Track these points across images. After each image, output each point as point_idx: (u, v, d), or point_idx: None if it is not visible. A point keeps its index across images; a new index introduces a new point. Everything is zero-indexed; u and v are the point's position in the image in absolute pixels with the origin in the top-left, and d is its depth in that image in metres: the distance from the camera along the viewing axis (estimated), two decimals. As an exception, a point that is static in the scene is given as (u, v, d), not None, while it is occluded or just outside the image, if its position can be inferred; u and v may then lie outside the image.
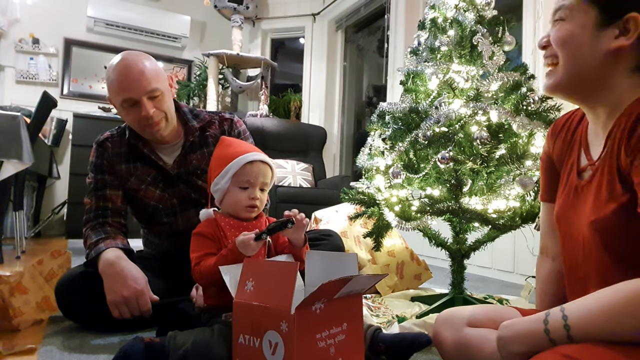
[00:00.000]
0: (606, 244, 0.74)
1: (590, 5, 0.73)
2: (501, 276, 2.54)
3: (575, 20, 0.74)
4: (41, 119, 2.69)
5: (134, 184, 1.40)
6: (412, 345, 0.99)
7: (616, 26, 0.71)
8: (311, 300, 0.79)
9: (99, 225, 1.35)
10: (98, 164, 1.40)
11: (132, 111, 1.28)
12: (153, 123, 1.29)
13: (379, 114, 1.56)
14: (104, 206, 1.37)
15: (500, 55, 1.45)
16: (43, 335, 1.20)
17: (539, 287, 0.97)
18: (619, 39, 0.71)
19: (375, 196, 1.48)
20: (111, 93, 1.31)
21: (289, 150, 3.95)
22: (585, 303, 0.67)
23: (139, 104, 1.26)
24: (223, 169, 1.12)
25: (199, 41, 4.85)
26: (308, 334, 0.80)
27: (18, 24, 4.07)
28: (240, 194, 1.11)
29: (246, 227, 1.12)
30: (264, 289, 0.84)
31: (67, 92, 4.23)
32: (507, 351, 0.72)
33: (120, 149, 1.40)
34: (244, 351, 0.85)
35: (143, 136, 1.36)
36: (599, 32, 0.72)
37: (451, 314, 0.90)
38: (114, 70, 1.28)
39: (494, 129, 1.30)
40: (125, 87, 1.25)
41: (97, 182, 1.38)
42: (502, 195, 1.33)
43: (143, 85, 1.25)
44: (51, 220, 3.99)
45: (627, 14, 0.70)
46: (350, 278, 0.81)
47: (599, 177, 0.76)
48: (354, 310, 0.91)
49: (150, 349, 0.92)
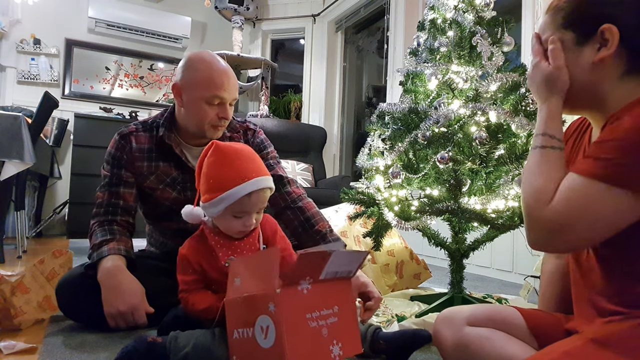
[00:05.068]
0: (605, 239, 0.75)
1: (565, 30, 0.77)
2: (500, 275, 2.55)
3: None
4: (42, 120, 2.69)
5: (152, 182, 1.39)
6: (413, 341, 0.99)
7: (595, 41, 0.75)
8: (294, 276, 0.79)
9: (106, 222, 1.35)
10: (117, 157, 1.38)
11: (211, 109, 1.32)
12: (221, 125, 1.35)
13: (379, 115, 1.57)
14: (115, 203, 1.37)
15: (500, 56, 1.46)
16: (44, 335, 1.20)
17: (543, 284, 0.99)
18: (601, 51, 0.74)
19: (375, 196, 1.49)
20: (198, 86, 1.30)
21: (289, 151, 3.96)
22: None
23: (223, 105, 1.32)
24: (216, 195, 1.01)
25: (199, 42, 4.86)
26: (297, 313, 0.80)
27: (19, 25, 4.08)
28: (234, 222, 1.04)
29: (238, 246, 1.07)
30: (250, 280, 0.85)
31: (68, 93, 4.24)
32: None
33: (144, 145, 1.39)
34: (238, 345, 0.86)
35: (199, 132, 1.36)
36: (581, 50, 0.76)
37: (451, 313, 0.91)
38: (209, 66, 1.31)
39: (493, 129, 1.31)
40: (221, 86, 1.30)
41: (113, 176, 1.38)
42: (501, 195, 1.34)
43: (234, 91, 1.35)
44: (52, 220, 3.99)
45: (600, 27, 0.73)
46: (331, 252, 0.81)
47: None
48: (344, 294, 0.90)
49: (152, 349, 0.93)
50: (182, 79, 1.33)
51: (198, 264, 1.06)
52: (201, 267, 1.06)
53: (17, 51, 4.04)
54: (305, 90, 4.67)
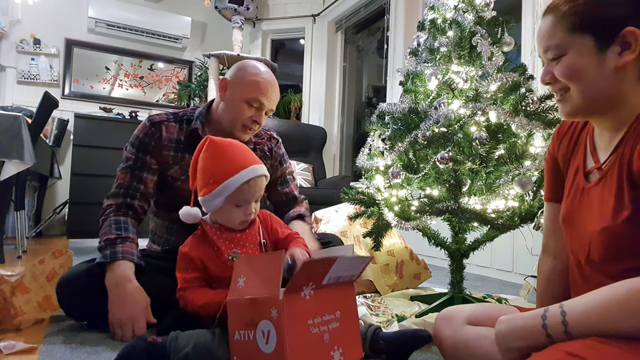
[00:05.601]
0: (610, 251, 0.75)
1: (583, 33, 0.74)
2: (500, 275, 2.55)
3: (574, 51, 0.75)
4: (42, 120, 2.69)
5: (175, 172, 1.43)
6: (413, 341, 0.99)
7: (616, 44, 0.72)
8: (297, 282, 0.79)
9: (124, 206, 1.37)
10: (145, 142, 1.41)
11: (249, 110, 1.39)
12: (252, 129, 1.42)
13: (379, 115, 1.57)
14: (137, 187, 1.39)
15: (500, 56, 1.46)
16: (44, 335, 1.20)
17: (540, 285, 0.98)
18: (623, 55, 0.72)
19: (375, 196, 1.49)
20: (244, 86, 1.38)
21: (289, 150, 3.88)
22: (584, 300, 0.68)
23: (260, 111, 1.40)
24: (215, 187, 1.06)
25: (199, 42, 4.86)
26: (299, 319, 0.80)
27: (19, 25, 4.08)
28: (235, 212, 1.09)
29: (240, 238, 1.10)
30: (254, 282, 0.85)
31: (68, 93, 4.24)
32: (505, 346, 0.72)
33: (173, 135, 1.43)
34: (239, 346, 0.86)
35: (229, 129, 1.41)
36: (602, 55, 0.73)
37: (451, 313, 0.91)
38: (259, 73, 1.40)
39: (493, 129, 1.31)
40: (264, 92, 1.39)
41: (138, 160, 1.40)
42: (501, 195, 1.34)
43: (274, 102, 1.44)
44: (52, 220, 3.99)
45: (622, 29, 0.71)
46: (335, 259, 0.81)
47: (606, 180, 0.77)
48: (346, 299, 0.90)
49: (152, 348, 0.92)
50: (231, 75, 1.42)
51: (200, 260, 1.07)
52: (203, 264, 1.07)
53: (17, 51, 4.04)
54: (305, 90, 4.67)
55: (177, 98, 4.67)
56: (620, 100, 0.75)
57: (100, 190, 3.73)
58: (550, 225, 0.95)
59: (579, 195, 0.83)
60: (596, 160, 0.82)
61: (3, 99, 3.98)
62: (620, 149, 0.75)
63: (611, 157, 0.77)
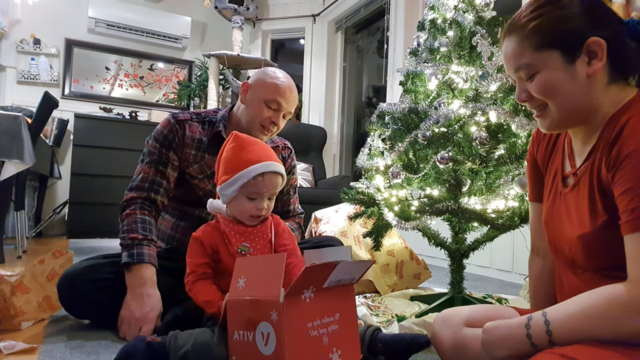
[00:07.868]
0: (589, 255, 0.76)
1: (550, 49, 0.76)
2: (500, 275, 2.55)
3: (546, 67, 0.77)
4: (42, 119, 2.69)
5: (194, 170, 1.45)
6: (411, 346, 0.99)
7: (583, 54, 0.75)
8: (299, 287, 0.79)
9: (148, 201, 1.38)
10: (169, 139, 1.43)
11: (267, 110, 1.43)
12: (269, 130, 1.46)
13: (379, 115, 1.57)
14: (160, 182, 1.41)
15: (499, 56, 1.46)
16: (44, 335, 1.20)
17: (531, 285, 0.99)
18: (592, 64, 0.75)
19: (375, 196, 1.49)
20: (263, 88, 1.44)
21: (289, 151, 3.96)
22: (566, 308, 0.70)
23: (278, 112, 1.44)
24: (232, 175, 1.10)
25: (199, 42, 4.86)
26: (299, 322, 0.80)
27: (19, 25, 4.08)
28: (247, 204, 1.11)
29: (250, 233, 1.12)
30: (254, 283, 0.85)
31: (68, 93, 4.24)
32: (492, 356, 0.74)
33: (197, 135, 1.46)
34: (238, 347, 0.86)
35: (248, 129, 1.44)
36: (572, 67, 0.75)
37: (449, 314, 0.91)
38: (279, 77, 1.47)
39: (493, 129, 1.31)
40: (283, 95, 1.44)
41: (162, 156, 1.42)
42: (501, 195, 1.34)
43: (292, 105, 1.48)
44: (52, 220, 4.00)
45: (585, 41, 0.74)
46: (336, 264, 0.81)
47: (580, 187, 0.79)
48: (346, 301, 0.90)
49: (152, 348, 0.93)
50: (252, 79, 1.49)
51: (211, 247, 1.09)
52: (214, 251, 1.09)
53: (17, 51, 4.05)
54: (305, 90, 4.68)
55: (177, 98, 4.67)
56: (594, 108, 0.77)
57: (100, 190, 3.78)
58: (535, 225, 0.97)
59: (557, 199, 0.85)
60: (573, 164, 0.84)
61: (3, 99, 3.98)
62: (592, 156, 0.77)
63: (585, 164, 0.79)
